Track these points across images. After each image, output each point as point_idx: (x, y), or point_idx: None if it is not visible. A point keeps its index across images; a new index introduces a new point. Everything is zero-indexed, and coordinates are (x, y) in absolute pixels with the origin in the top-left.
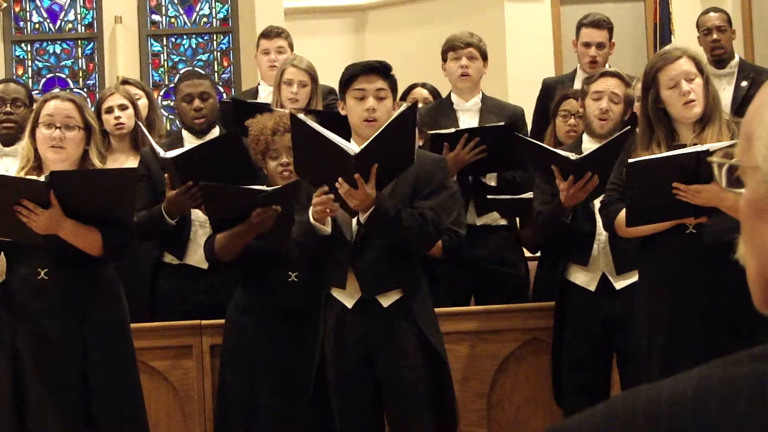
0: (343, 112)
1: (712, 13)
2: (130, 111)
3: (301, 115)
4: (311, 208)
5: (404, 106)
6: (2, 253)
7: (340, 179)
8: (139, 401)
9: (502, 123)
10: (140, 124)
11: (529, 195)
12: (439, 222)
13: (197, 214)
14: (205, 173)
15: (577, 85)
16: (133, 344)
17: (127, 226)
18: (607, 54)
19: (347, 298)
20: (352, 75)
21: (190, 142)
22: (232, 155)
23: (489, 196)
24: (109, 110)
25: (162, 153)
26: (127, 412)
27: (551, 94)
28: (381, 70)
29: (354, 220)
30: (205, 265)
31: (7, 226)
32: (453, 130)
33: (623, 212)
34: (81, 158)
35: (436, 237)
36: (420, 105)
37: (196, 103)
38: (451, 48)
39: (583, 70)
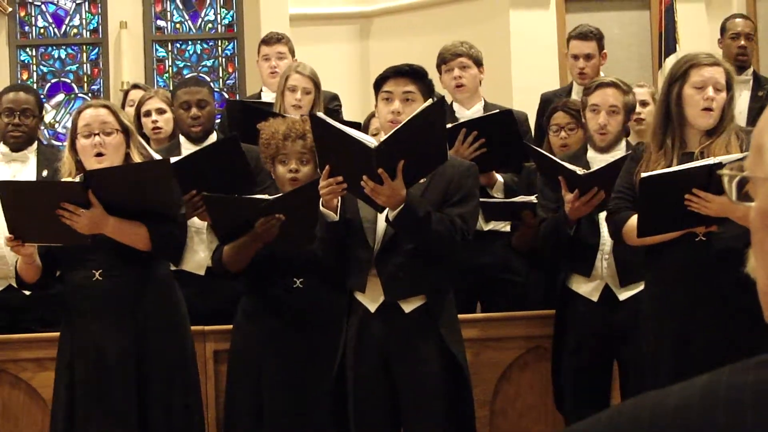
0: (376, 117)
1: (741, 20)
2: (168, 115)
3: (321, 114)
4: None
5: (430, 100)
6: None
7: (365, 177)
8: (194, 404)
9: (498, 111)
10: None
11: (519, 199)
12: (467, 230)
13: (193, 221)
14: (203, 180)
15: (574, 96)
16: (193, 344)
17: (173, 218)
18: (596, 65)
19: (370, 301)
20: (382, 78)
21: (187, 148)
22: (230, 161)
23: (480, 199)
24: (147, 114)
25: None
26: (180, 417)
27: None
28: (410, 73)
29: (383, 223)
30: (201, 272)
31: (54, 231)
32: (449, 125)
33: (631, 220)
34: (124, 162)
35: (463, 245)
36: None
37: (194, 111)
38: (442, 61)
39: (575, 82)
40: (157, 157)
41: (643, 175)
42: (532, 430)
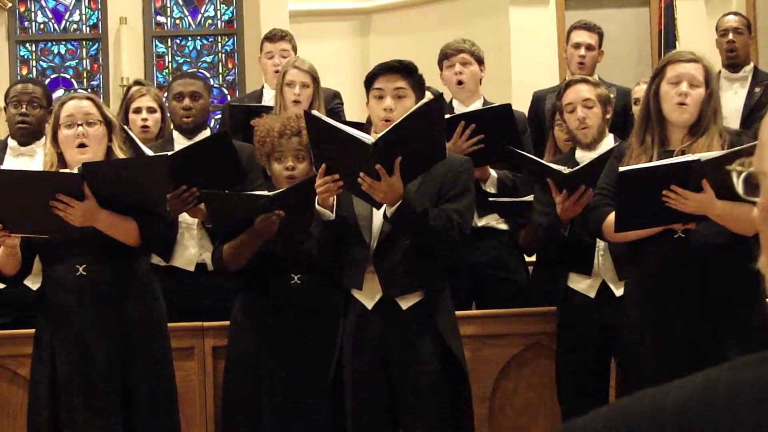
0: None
1: (730, 16)
2: (158, 115)
3: (315, 111)
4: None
5: (428, 96)
6: (37, 255)
7: (362, 174)
8: (173, 399)
9: (497, 104)
10: (120, 125)
11: (530, 198)
12: (464, 225)
13: (184, 217)
14: (195, 175)
15: None
16: (170, 341)
17: (162, 214)
18: (595, 57)
19: (367, 299)
20: (372, 75)
21: (180, 143)
22: (221, 157)
23: (490, 198)
24: (137, 110)
25: (150, 155)
26: (162, 411)
27: (541, 106)
28: (400, 69)
29: (378, 220)
30: (191, 267)
31: (44, 222)
32: (447, 115)
33: (611, 216)
34: (105, 155)
35: (460, 240)
36: None
37: (186, 101)
38: (444, 56)
39: (572, 73)
40: (149, 152)
41: (621, 169)
42: (530, 426)
